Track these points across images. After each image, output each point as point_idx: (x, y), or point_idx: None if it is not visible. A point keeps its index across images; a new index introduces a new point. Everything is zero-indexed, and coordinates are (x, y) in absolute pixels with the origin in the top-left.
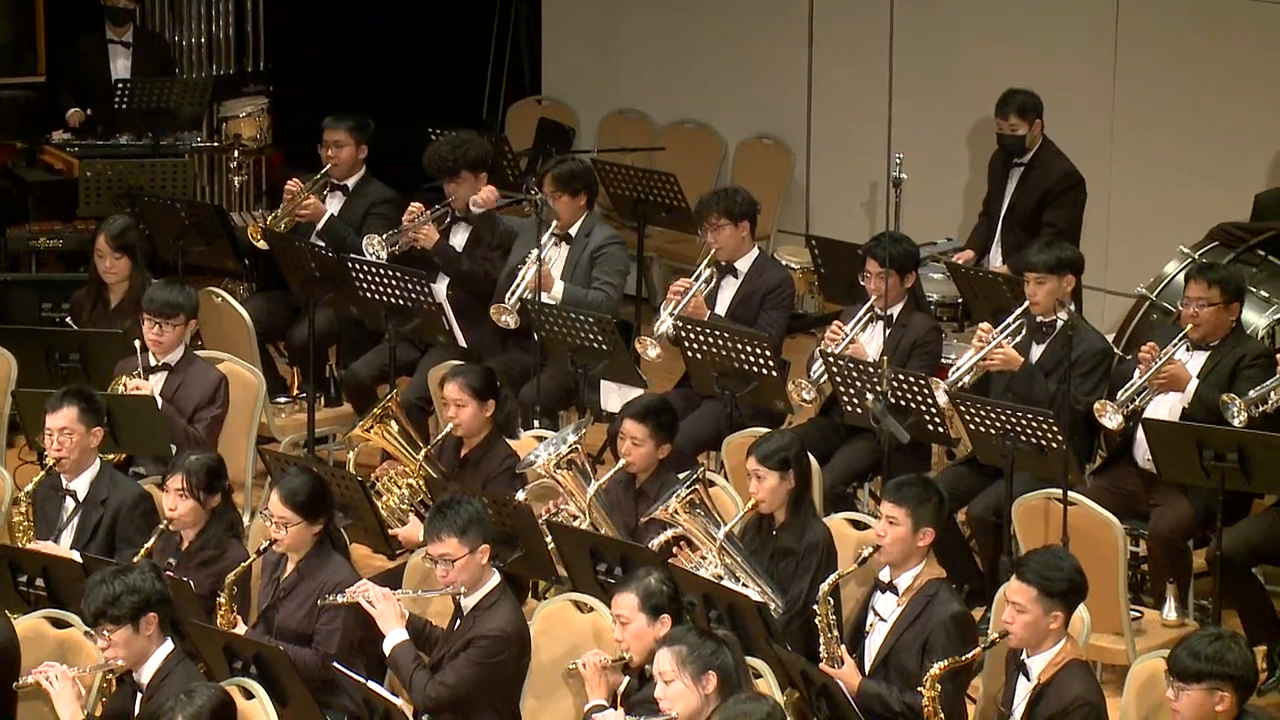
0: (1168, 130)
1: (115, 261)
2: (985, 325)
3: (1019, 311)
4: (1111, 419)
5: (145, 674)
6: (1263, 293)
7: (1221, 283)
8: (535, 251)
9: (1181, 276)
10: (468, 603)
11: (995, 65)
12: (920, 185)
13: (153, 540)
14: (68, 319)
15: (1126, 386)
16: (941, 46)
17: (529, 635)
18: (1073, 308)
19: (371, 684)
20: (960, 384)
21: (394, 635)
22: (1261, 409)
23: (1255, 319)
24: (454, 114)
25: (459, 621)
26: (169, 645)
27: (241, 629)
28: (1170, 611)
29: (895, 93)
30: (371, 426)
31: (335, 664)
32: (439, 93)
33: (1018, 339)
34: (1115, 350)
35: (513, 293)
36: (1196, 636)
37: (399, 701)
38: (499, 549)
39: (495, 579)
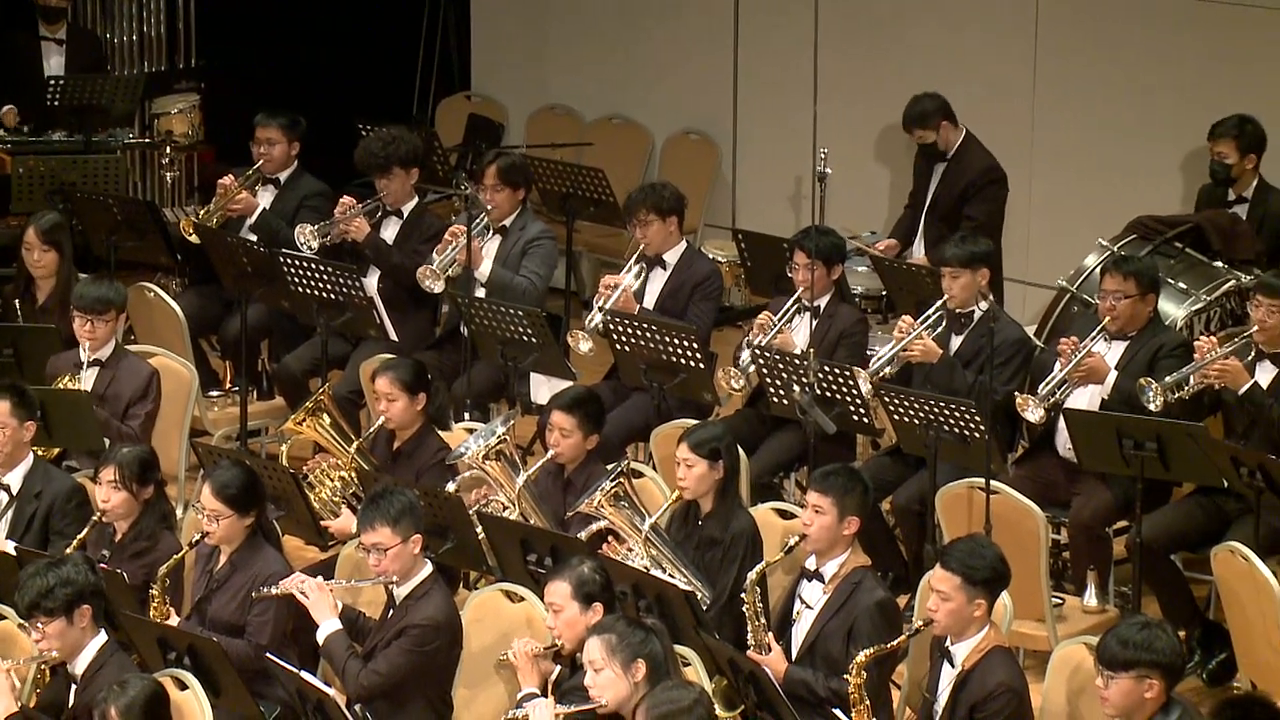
0: (1087, 124)
1: (43, 255)
2: (907, 318)
3: (938, 304)
4: (1033, 412)
5: (79, 665)
6: (1181, 284)
7: (1136, 275)
8: (466, 227)
9: (1100, 269)
10: (400, 592)
11: (919, 62)
12: (845, 180)
13: (86, 532)
14: None
15: (1047, 380)
16: (866, 43)
17: (461, 624)
18: (991, 299)
19: (304, 674)
20: (880, 375)
21: (327, 625)
22: (1177, 394)
23: (1173, 310)
24: (384, 110)
25: (391, 611)
26: (103, 637)
27: (175, 620)
28: (1091, 598)
29: (820, 88)
30: (304, 420)
31: (268, 654)
32: (369, 89)
33: (937, 331)
34: (1035, 341)
35: (442, 261)
36: (1125, 624)
37: (331, 691)
38: (431, 540)
39: (427, 569)
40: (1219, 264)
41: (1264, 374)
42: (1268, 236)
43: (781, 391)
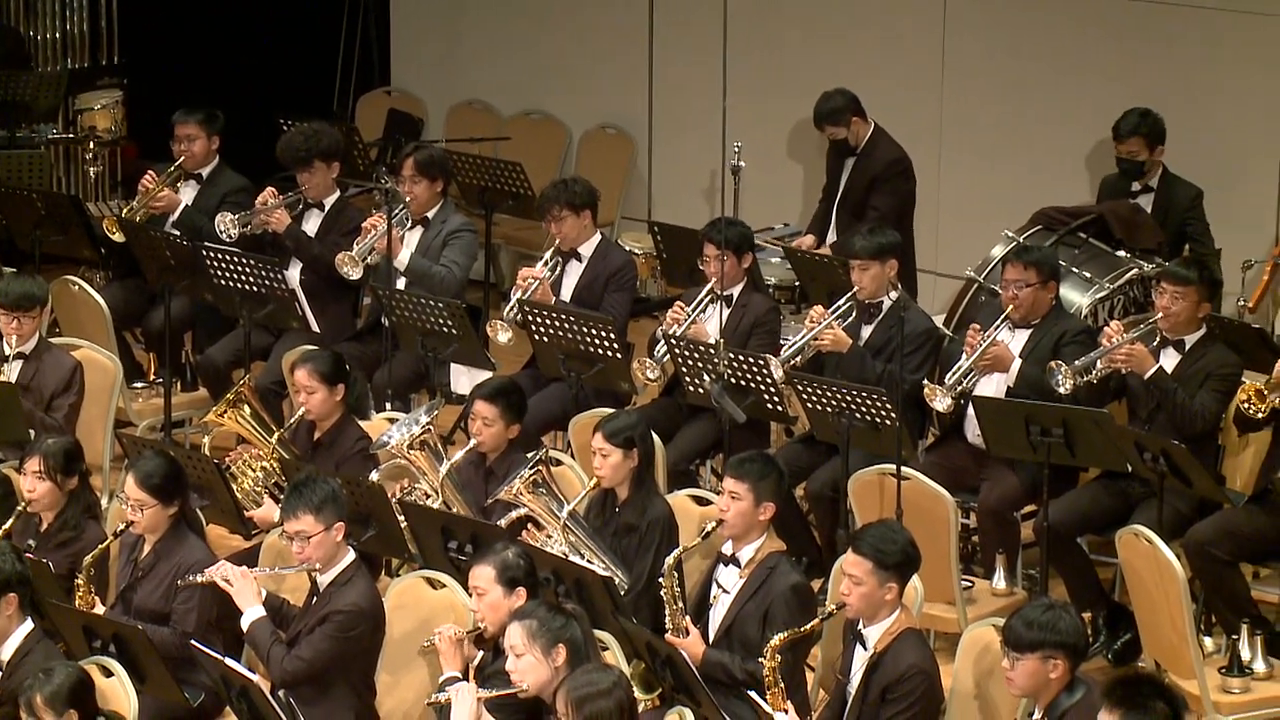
0: (994, 117)
1: None
2: (818, 307)
3: (849, 295)
4: (941, 402)
5: (5, 653)
6: (1085, 273)
7: (1037, 264)
8: (385, 217)
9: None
10: (323, 579)
11: (830, 55)
12: (758, 173)
13: (11, 522)
14: None
15: (954, 369)
16: (777, 38)
17: (383, 610)
18: (901, 289)
19: (229, 661)
20: (791, 364)
21: (251, 612)
22: (1085, 378)
23: (1078, 298)
24: (305, 105)
25: (315, 598)
26: (29, 625)
27: (100, 609)
28: (999, 581)
29: (732, 83)
30: (225, 411)
31: (193, 642)
32: (290, 84)
33: (848, 321)
34: (944, 331)
35: (360, 249)
36: (1029, 606)
37: (255, 677)
38: (353, 528)
39: (350, 556)
40: (1122, 253)
41: (1168, 360)
42: (1173, 224)
43: (696, 381)
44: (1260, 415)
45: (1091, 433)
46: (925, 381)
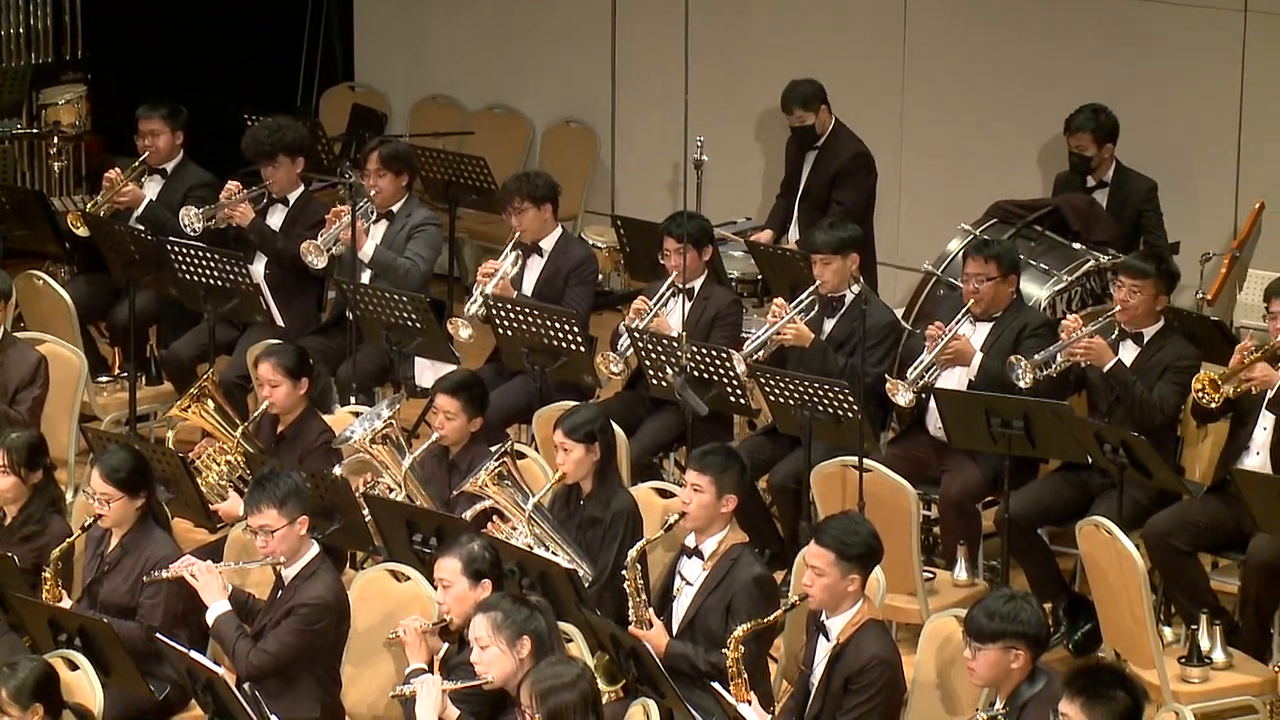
0: (954, 112)
1: None
2: (780, 301)
3: (811, 289)
4: (903, 397)
5: None
6: (1042, 265)
7: (998, 258)
8: (351, 209)
9: (961, 253)
10: (288, 573)
11: (789, 50)
12: (720, 167)
13: None
14: None
15: (915, 364)
16: (738, 32)
17: (348, 603)
18: (863, 282)
19: (194, 654)
20: (754, 358)
21: (217, 606)
22: (1045, 372)
23: (1036, 291)
24: (269, 100)
25: (280, 591)
26: None
27: (66, 603)
28: (961, 572)
29: (694, 78)
30: (188, 406)
31: (159, 635)
32: (254, 79)
33: (810, 315)
34: (904, 324)
35: (325, 238)
36: (991, 597)
37: (221, 671)
38: (317, 521)
39: (314, 549)
40: (1078, 245)
41: (1127, 352)
42: (1128, 217)
43: (659, 374)
44: (1214, 405)
45: (1052, 424)
46: (887, 376)
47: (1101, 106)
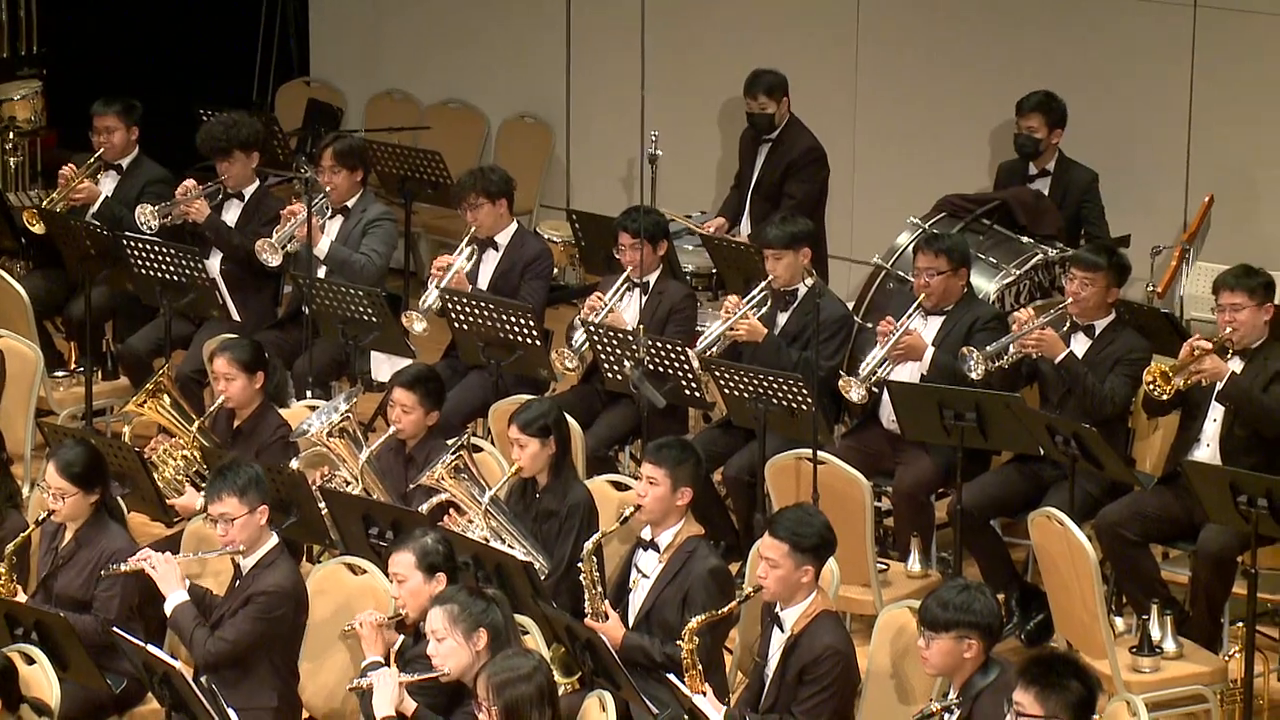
0: (906, 106)
1: None
2: (733, 297)
3: (763, 284)
4: (855, 393)
5: None
6: (991, 259)
7: (948, 251)
8: (305, 205)
9: (912, 247)
10: (246, 563)
11: (744, 45)
12: (674, 161)
13: None
14: None
15: (867, 360)
16: (693, 27)
17: (306, 593)
18: (816, 276)
19: (150, 647)
20: (708, 354)
21: (175, 596)
22: (997, 364)
23: (985, 285)
24: (225, 95)
25: (238, 581)
26: None
27: (22, 597)
28: (914, 563)
29: (649, 73)
30: (144, 401)
31: (115, 629)
32: (210, 74)
33: (763, 310)
34: (855, 318)
35: (280, 236)
36: (945, 587)
37: (177, 664)
38: (274, 515)
39: (274, 540)
40: (1026, 239)
41: (1078, 345)
42: (1069, 207)
43: (615, 367)
44: (1165, 397)
45: (1004, 416)
46: (841, 373)
47: (1053, 93)
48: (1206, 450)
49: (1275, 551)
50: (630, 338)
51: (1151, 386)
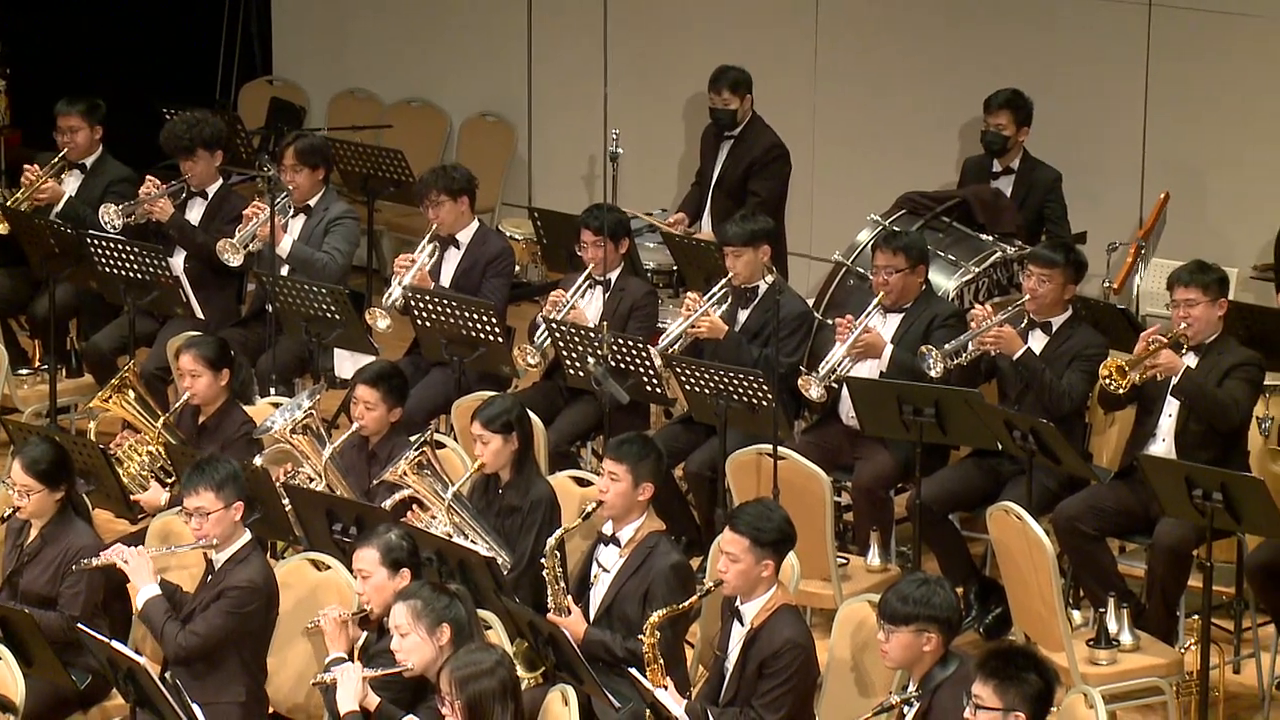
0: (865, 103)
1: None
2: (693, 294)
3: (724, 281)
4: (814, 391)
5: None
6: (950, 256)
7: (906, 249)
8: (267, 204)
9: (871, 244)
10: (219, 557)
11: (705, 44)
12: (636, 159)
13: None
14: None
15: (826, 359)
16: (654, 26)
17: (277, 589)
18: (776, 273)
19: (115, 644)
20: (670, 351)
21: (147, 590)
22: (956, 361)
23: (944, 282)
24: (188, 94)
25: (210, 576)
26: None
27: None
28: (874, 557)
29: (611, 71)
30: (110, 397)
31: (80, 625)
32: (173, 73)
33: (723, 308)
34: (816, 315)
35: (242, 236)
36: (905, 581)
37: (142, 659)
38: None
39: (247, 536)
40: (985, 237)
41: (1036, 341)
42: (1032, 206)
43: (577, 364)
44: (1120, 391)
45: (962, 412)
46: (801, 370)
47: (1020, 90)
48: (1162, 445)
49: (1230, 545)
50: (592, 334)
51: (1107, 380)
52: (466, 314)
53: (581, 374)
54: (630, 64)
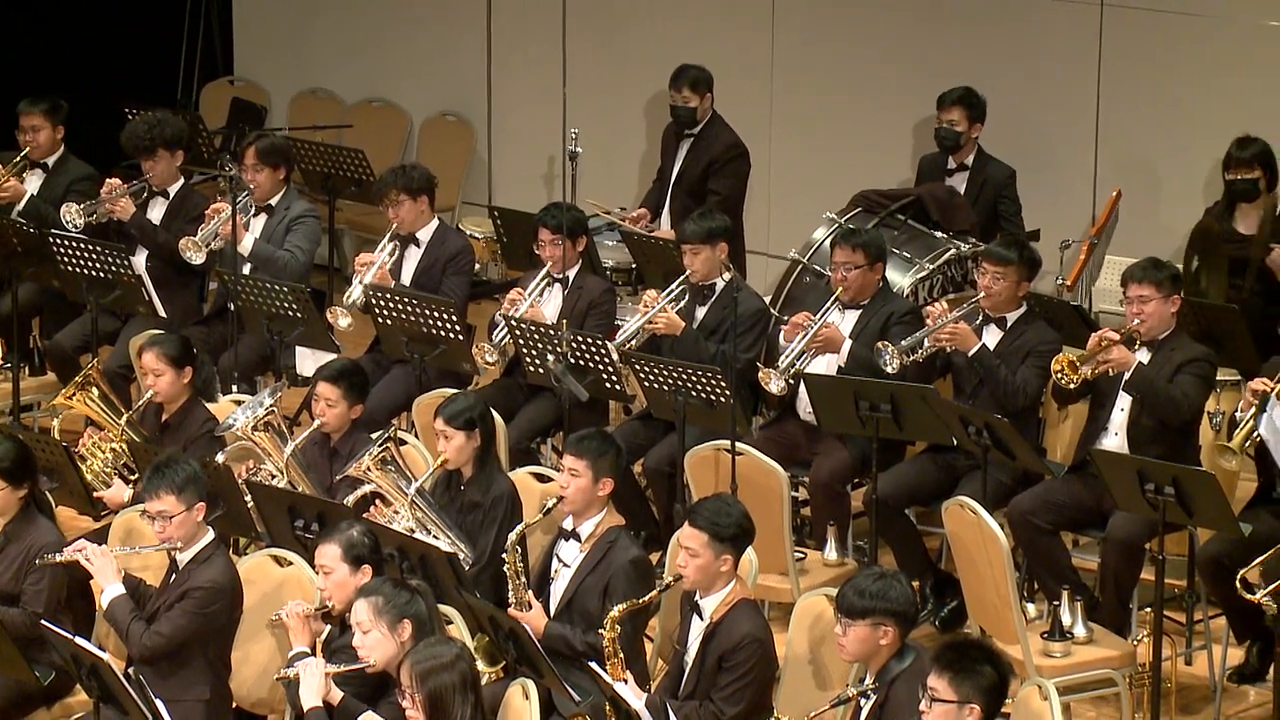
0: (822, 102)
1: None
2: (651, 291)
3: (681, 278)
4: (775, 384)
5: None
6: (905, 253)
7: (864, 246)
8: (229, 204)
9: (829, 241)
10: (183, 557)
11: (663, 43)
12: (595, 158)
13: None
14: None
15: (786, 353)
16: (613, 25)
17: (241, 588)
18: (734, 271)
19: (79, 640)
20: (628, 347)
21: (111, 589)
22: (912, 357)
23: (900, 279)
24: (150, 94)
25: (174, 575)
26: None
27: None
28: (831, 551)
29: (570, 71)
30: (73, 394)
31: (43, 621)
32: (135, 73)
33: (681, 305)
34: (772, 311)
35: (204, 234)
36: (862, 575)
37: (106, 656)
38: None
39: (210, 535)
40: (939, 234)
41: (990, 337)
42: (986, 202)
43: (537, 361)
44: (1072, 386)
45: (918, 407)
46: (760, 365)
47: (973, 88)
48: (1115, 439)
49: (1181, 538)
50: (551, 332)
51: (1059, 375)
52: (427, 312)
53: (541, 371)
54: (590, 64)
